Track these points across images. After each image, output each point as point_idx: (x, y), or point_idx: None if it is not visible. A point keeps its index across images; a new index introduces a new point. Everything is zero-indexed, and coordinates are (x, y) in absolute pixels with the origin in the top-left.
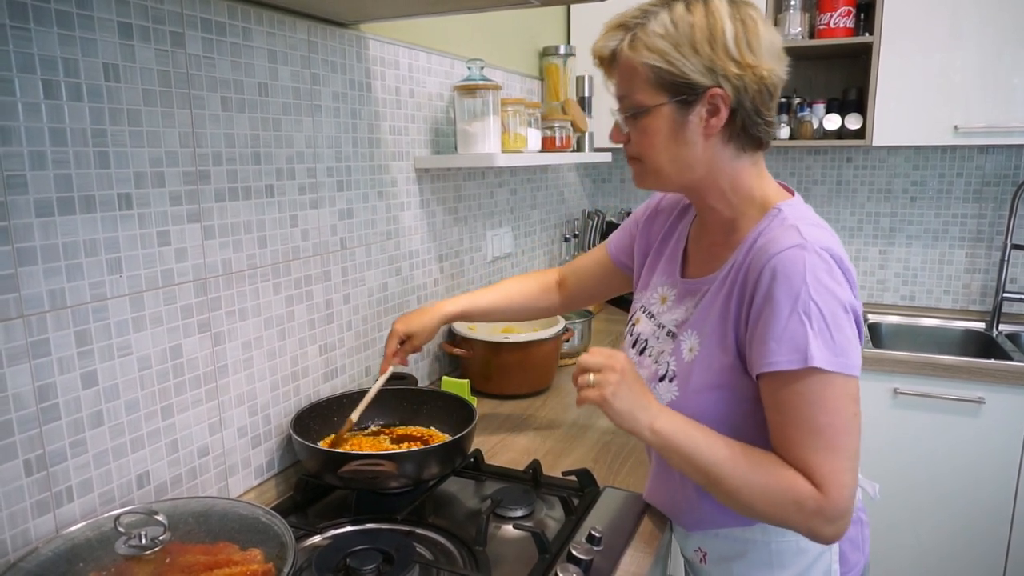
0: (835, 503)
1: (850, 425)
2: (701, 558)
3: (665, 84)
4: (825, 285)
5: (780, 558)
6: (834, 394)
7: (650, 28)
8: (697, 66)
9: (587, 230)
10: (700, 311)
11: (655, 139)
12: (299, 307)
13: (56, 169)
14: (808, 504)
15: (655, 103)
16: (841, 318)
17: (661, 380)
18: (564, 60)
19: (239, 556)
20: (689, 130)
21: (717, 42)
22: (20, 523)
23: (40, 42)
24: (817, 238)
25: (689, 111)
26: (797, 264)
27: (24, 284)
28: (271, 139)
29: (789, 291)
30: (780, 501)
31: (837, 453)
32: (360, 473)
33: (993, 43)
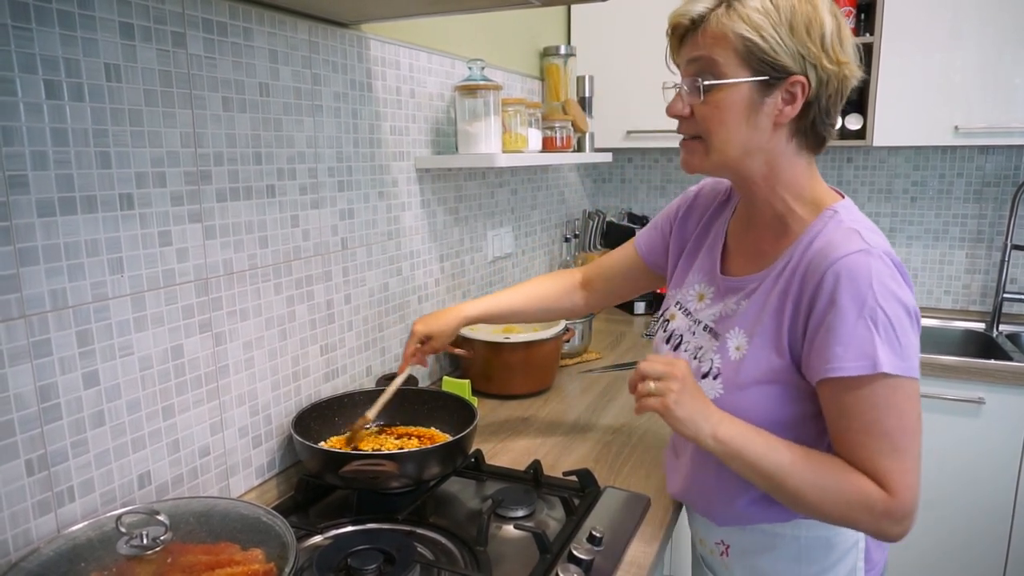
0: (903, 504)
1: (915, 427)
2: (723, 551)
3: (752, 60)
4: (891, 290)
5: (808, 553)
6: (901, 398)
7: (748, 2)
8: (791, 49)
9: (588, 230)
10: (749, 309)
11: (727, 115)
12: (300, 307)
13: (58, 169)
14: (877, 507)
15: (737, 77)
16: (905, 322)
17: (704, 377)
18: (565, 60)
19: (240, 556)
20: (762, 114)
21: (815, 30)
22: (22, 523)
23: (42, 42)
24: (879, 243)
25: (767, 94)
26: (862, 269)
27: (26, 284)
28: (272, 139)
29: (856, 296)
30: (848, 504)
31: (903, 455)
32: (361, 473)
33: (993, 43)
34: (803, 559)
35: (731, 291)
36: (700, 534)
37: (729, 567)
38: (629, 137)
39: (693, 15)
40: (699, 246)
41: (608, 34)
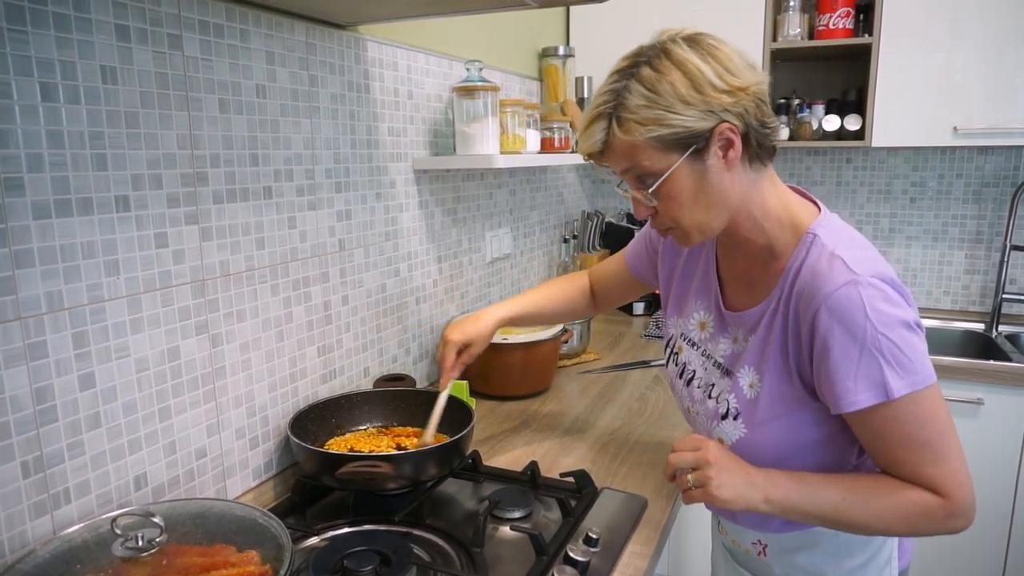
0: (960, 503)
1: (947, 427)
2: (760, 551)
3: (671, 144)
4: (887, 314)
5: (848, 548)
6: (924, 408)
7: (630, 104)
8: (695, 115)
9: (586, 231)
10: (755, 346)
11: (683, 198)
12: (297, 308)
13: (53, 171)
14: (938, 513)
15: (670, 165)
16: (910, 339)
17: (724, 419)
18: (563, 61)
19: (236, 558)
20: (712, 173)
21: (703, 85)
22: (17, 525)
23: (37, 45)
24: (865, 266)
25: (705, 156)
26: (855, 303)
27: (21, 286)
28: (269, 141)
29: (854, 331)
30: (910, 520)
31: (946, 458)
32: (358, 474)
33: (992, 44)
34: (843, 553)
35: (734, 325)
36: (733, 535)
37: (768, 564)
38: None
39: (596, 148)
40: (690, 274)
41: (607, 35)
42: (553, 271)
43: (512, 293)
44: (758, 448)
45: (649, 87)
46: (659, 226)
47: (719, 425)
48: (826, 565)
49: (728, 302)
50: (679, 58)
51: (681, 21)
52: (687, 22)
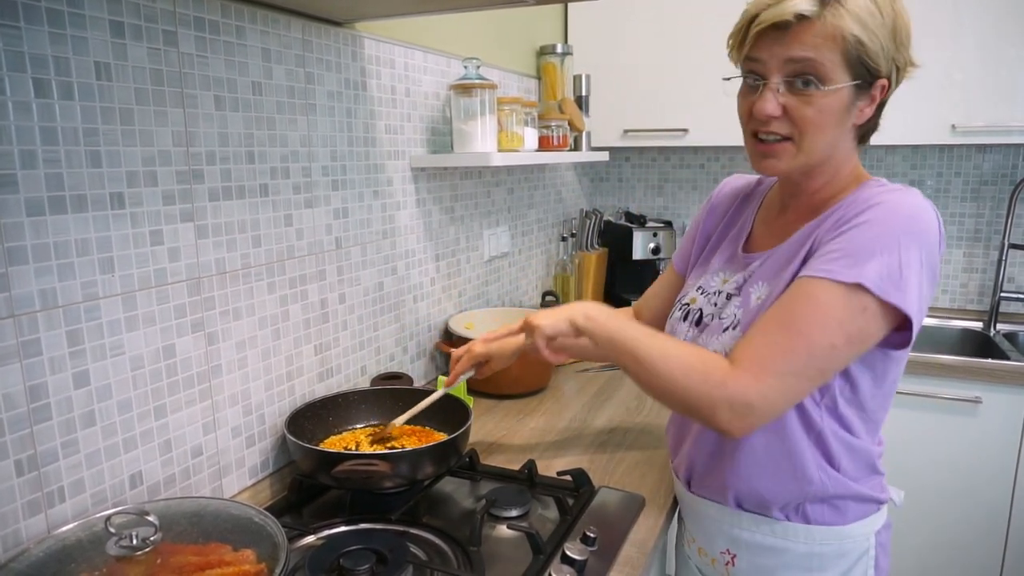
0: (743, 386)
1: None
2: (728, 560)
3: (855, 64)
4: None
5: (820, 562)
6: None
7: (848, 6)
8: (890, 53)
9: (584, 229)
10: (769, 264)
11: (827, 119)
12: (294, 307)
13: (47, 168)
14: (715, 375)
15: (841, 81)
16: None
17: (726, 331)
18: (561, 59)
19: (231, 557)
20: (852, 116)
21: (906, 36)
22: (11, 523)
23: (30, 40)
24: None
25: (860, 97)
26: (906, 204)
27: (15, 283)
28: (265, 138)
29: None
30: (691, 367)
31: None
32: (354, 473)
33: (991, 42)
34: (814, 566)
35: (748, 263)
36: (701, 543)
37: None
38: (626, 136)
39: (798, 11)
40: (724, 237)
41: (605, 33)
42: (551, 269)
43: (510, 292)
44: None
45: (876, 3)
46: (777, 130)
47: (719, 338)
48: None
49: (749, 247)
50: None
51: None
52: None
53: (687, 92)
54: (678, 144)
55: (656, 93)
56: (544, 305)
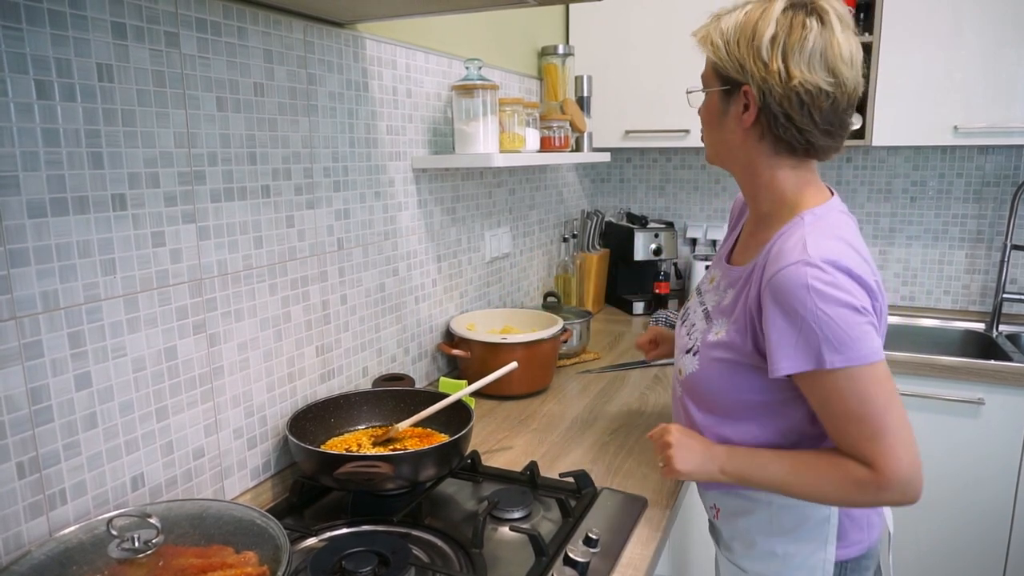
0: (890, 477)
1: (888, 404)
2: (715, 514)
3: (718, 73)
4: (829, 295)
5: (780, 521)
6: (863, 385)
7: (722, 22)
8: (733, 63)
9: (586, 230)
10: (730, 301)
11: (706, 117)
12: (296, 308)
13: (49, 170)
14: (868, 486)
15: (708, 87)
16: (849, 318)
17: (687, 352)
18: (563, 60)
19: (233, 559)
20: (729, 119)
21: (752, 43)
22: (13, 526)
23: (33, 42)
24: (821, 252)
25: (730, 102)
26: (800, 279)
27: (17, 285)
28: (267, 139)
29: (796, 305)
30: (844, 489)
31: (884, 433)
32: (356, 475)
33: (993, 42)
34: (774, 526)
35: (728, 278)
36: (701, 498)
37: (719, 528)
38: (627, 137)
39: (696, 36)
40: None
41: (606, 34)
42: (552, 270)
43: (511, 292)
44: (703, 384)
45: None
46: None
47: (683, 357)
48: (757, 533)
49: (732, 257)
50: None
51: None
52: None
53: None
54: (679, 145)
55: (657, 94)
56: (546, 306)
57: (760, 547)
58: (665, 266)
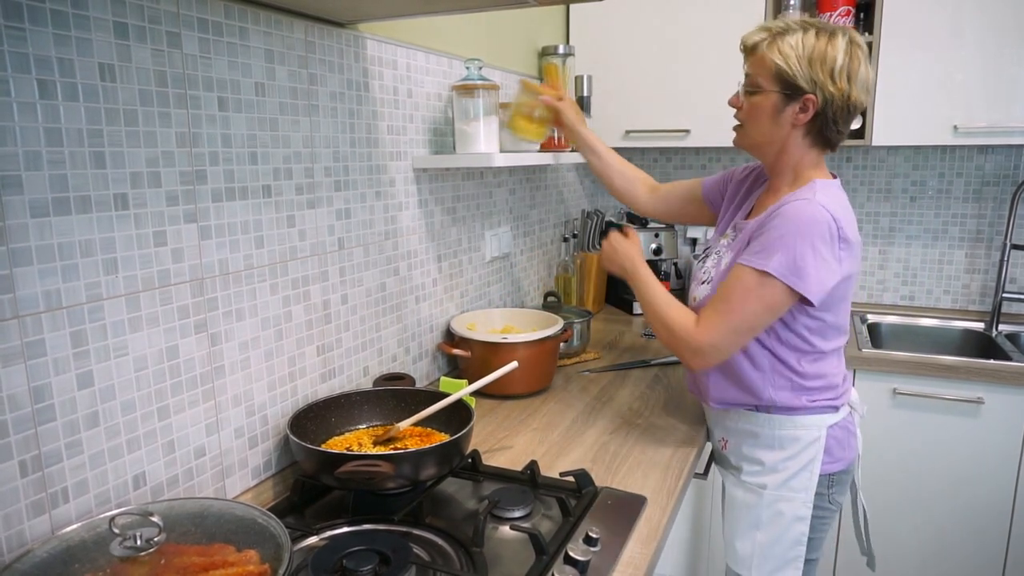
0: (698, 340)
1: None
2: (723, 445)
3: (780, 80)
4: (810, 234)
5: (780, 443)
6: (760, 290)
7: (788, 40)
8: (805, 76)
9: (586, 230)
10: (738, 239)
11: (759, 115)
12: (296, 307)
13: (51, 169)
14: (680, 331)
15: (769, 89)
16: (807, 254)
17: (702, 283)
18: (563, 60)
19: (235, 557)
20: (784, 117)
21: (824, 64)
22: (15, 524)
23: (35, 42)
24: (828, 203)
25: (788, 104)
26: (799, 211)
27: (19, 285)
28: (268, 139)
29: (783, 225)
30: (670, 325)
31: (724, 316)
32: (357, 474)
33: (993, 43)
34: (776, 447)
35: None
36: (712, 436)
37: (728, 456)
38: (628, 137)
39: (749, 42)
40: (741, 205)
41: (607, 33)
42: (553, 270)
43: (512, 293)
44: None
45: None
46: (737, 118)
47: (698, 287)
48: (763, 455)
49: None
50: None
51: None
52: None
53: (688, 93)
54: (680, 145)
55: (658, 94)
56: (546, 306)
57: (766, 464)
58: (665, 266)
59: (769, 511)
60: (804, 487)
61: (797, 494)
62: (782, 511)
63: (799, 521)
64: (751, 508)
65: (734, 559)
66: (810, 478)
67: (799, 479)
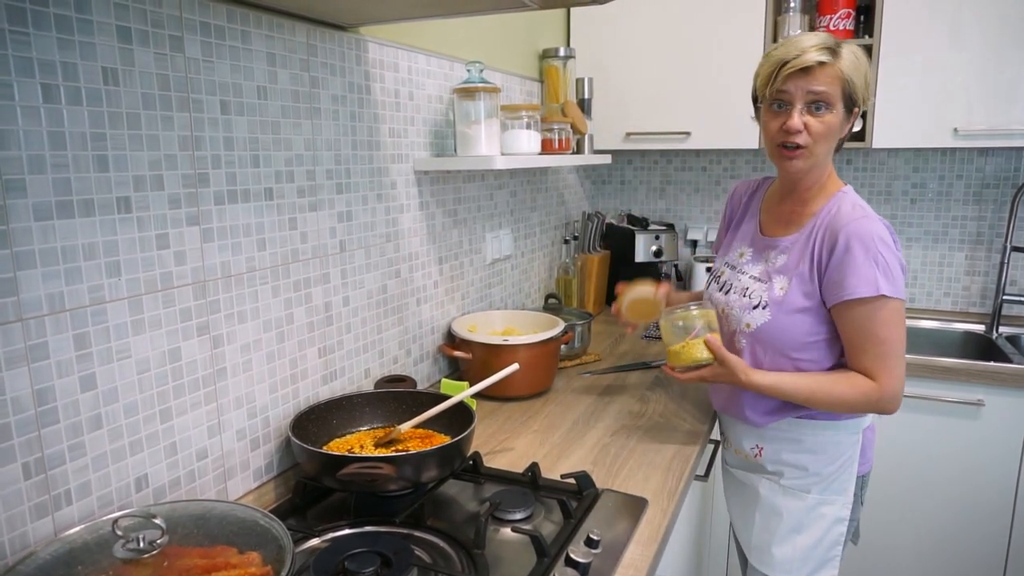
0: (889, 390)
1: (901, 335)
2: (757, 453)
3: (846, 96)
4: (886, 243)
5: (822, 448)
6: (891, 313)
7: (847, 54)
8: (862, 90)
9: (587, 232)
10: (789, 261)
11: (830, 133)
12: (298, 310)
13: (55, 173)
14: (872, 395)
15: (839, 106)
16: (895, 265)
17: (755, 308)
18: (564, 62)
19: (237, 559)
20: (840, 132)
21: (865, 78)
22: (18, 526)
23: (39, 46)
24: (877, 215)
25: (847, 119)
26: (868, 230)
27: (23, 287)
28: (270, 142)
29: (863, 247)
30: (853, 397)
31: (889, 355)
32: (359, 476)
33: (993, 45)
34: (818, 451)
35: (768, 248)
36: (735, 444)
37: (762, 464)
38: (628, 139)
39: (818, 60)
40: (740, 221)
41: (608, 36)
42: (554, 272)
43: (513, 294)
44: (778, 329)
45: (857, 57)
46: (799, 141)
47: (750, 313)
48: (807, 460)
49: (763, 231)
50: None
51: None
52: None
53: (689, 95)
54: (680, 147)
55: (658, 96)
56: (547, 308)
57: (810, 469)
58: (666, 268)
59: (812, 515)
60: (844, 489)
61: (839, 496)
62: (824, 514)
63: (839, 523)
64: (793, 513)
65: (770, 564)
66: (849, 479)
67: (840, 481)
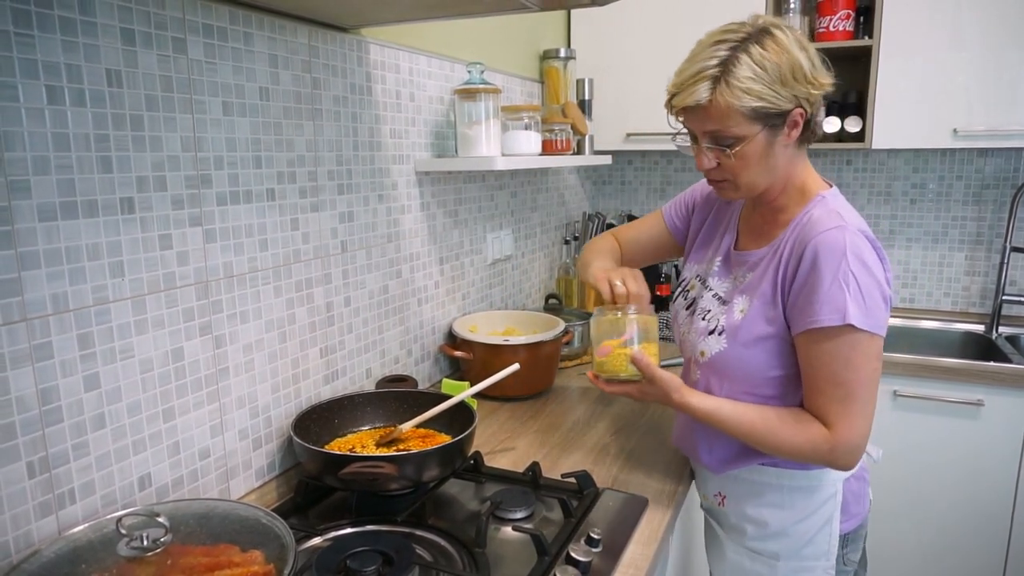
0: (844, 440)
1: (869, 379)
2: (720, 501)
3: (759, 116)
4: (861, 260)
5: (790, 500)
6: (859, 353)
7: (739, 73)
8: (787, 96)
9: (588, 232)
10: (752, 280)
11: (750, 161)
12: (300, 310)
13: (59, 174)
14: (821, 446)
15: (752, 133)
16: (872, 287)
17: (711, 334)
18: (564, 63)
19: (240, 558)
20: (777, 147)
21: (798, 73)
22: (23, 525)
23: (43, 48)
24: (854, 222)
25: (777, 132)
26: (838, 242)
27: (27, 288)
28: (272, 143)
29: (831, 264)
30: (799, 447)
31: (852, 402)
32: (360, 475)
33: (992, 46)
34: (786, 505)
35: (739, 264)
36: (702, 489)
37: (726, 514)
38: (629, 139)
39: (696, 100)
40: (715, 229)
41: (608, 37)
42: (554, 272)
43: (513, 295)
44: (735, 360)
45: (758, 64)
46: (716, 177)
47: (705, 340)
48: (770, 516)
49: (738, 245)
50: (781, 43)
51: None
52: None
53: None
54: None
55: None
56: (547, 308)
57: (772, 527)
58: (666, 268)
59: None
60: (823, 553)
61: (817, 562)
62: None
63: None
64: None
65: None
66: (829, 541)
67: (816, 545)
